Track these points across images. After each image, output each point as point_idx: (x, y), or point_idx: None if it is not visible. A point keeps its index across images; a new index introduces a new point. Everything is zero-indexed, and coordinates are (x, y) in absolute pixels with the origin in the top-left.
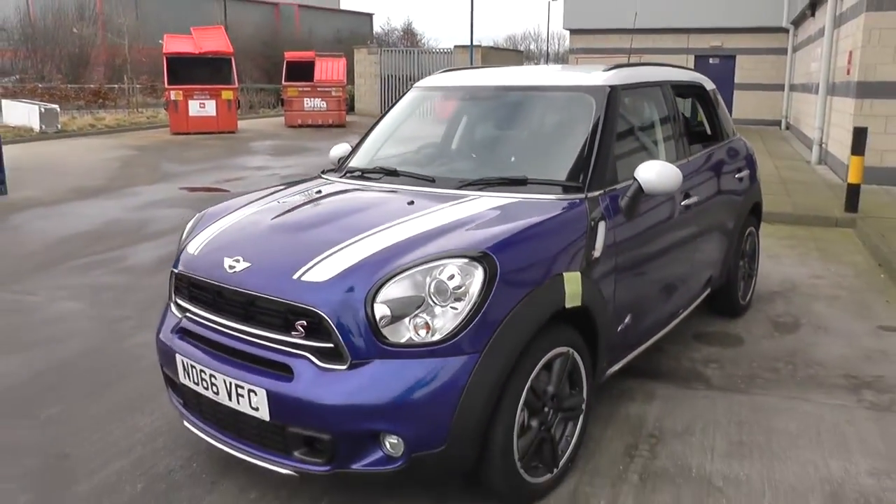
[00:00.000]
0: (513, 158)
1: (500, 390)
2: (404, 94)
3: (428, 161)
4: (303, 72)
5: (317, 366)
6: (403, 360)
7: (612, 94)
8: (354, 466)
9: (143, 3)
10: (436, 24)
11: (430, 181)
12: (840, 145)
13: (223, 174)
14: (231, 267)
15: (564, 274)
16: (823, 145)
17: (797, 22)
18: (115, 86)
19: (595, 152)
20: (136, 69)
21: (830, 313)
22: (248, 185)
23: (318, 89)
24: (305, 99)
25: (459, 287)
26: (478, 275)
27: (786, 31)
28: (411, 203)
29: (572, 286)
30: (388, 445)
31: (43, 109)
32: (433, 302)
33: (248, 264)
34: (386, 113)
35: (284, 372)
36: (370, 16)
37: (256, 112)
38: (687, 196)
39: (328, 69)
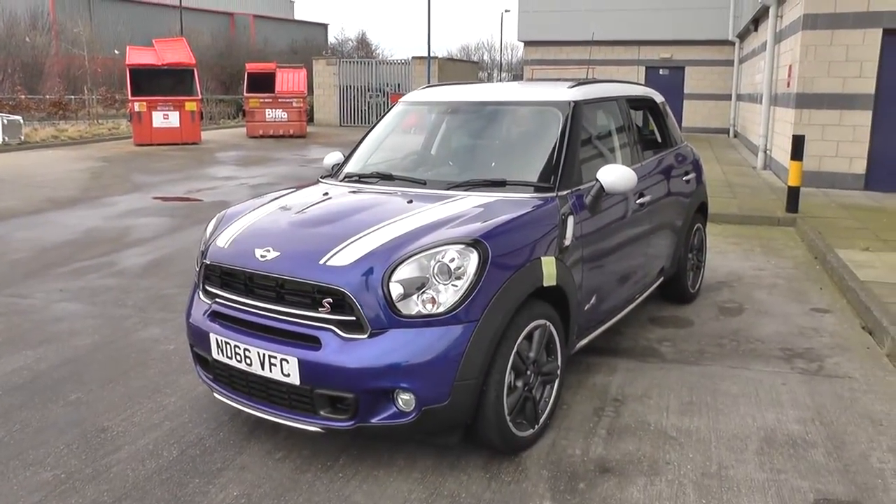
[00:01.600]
0: (493, 164)
1: (492, 353)
2: (390, 109)
3: (415, 166)
4: (264, 83)
5: (340, 336)
6: (414, 328)
7: (576, 108)
8: (373, 420)
9: (98, 12)
10: (390, 34)
11: (422, 184)
12: (783, 151)
13: (194, 184)
14: (262, 256)
15: (542, 258)
16: (768, 151)
17: (742, 35)
18: (73, 97)
19: (563, 157)
20: (94, 80)
21: (770, 299)
22: (220, 195)
23: (280, 100)
24: (267, 110)
25: (459, 268)
26: (473, 258)
27: (732, 43)
28: (410, 202)
29: (549, 268)
30: (401, 402)
31: (6, 121)
32: (437, 280)
33: (277, 253)
34: (375, 125)
35: (313, 342)
36: (325, 26)
37: (217, 123)
38: (641, 195)
39: (289, 80)
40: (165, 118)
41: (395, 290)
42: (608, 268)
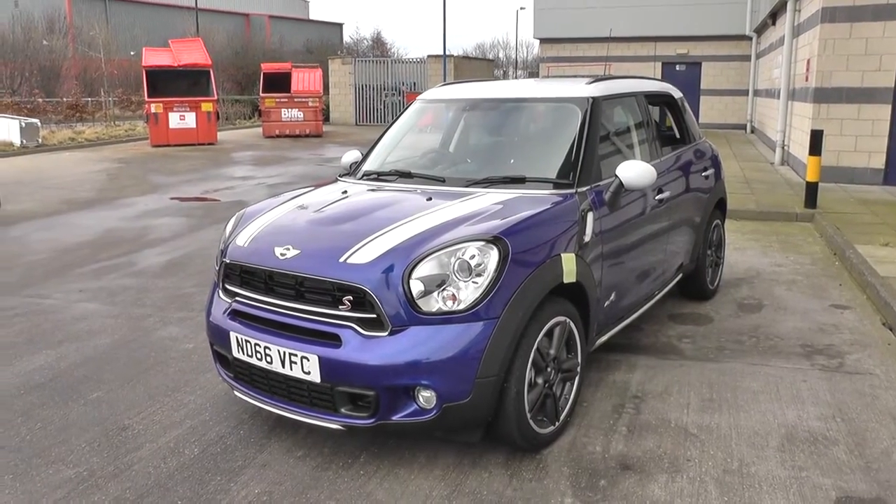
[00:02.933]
0: (512, 160)
1: (513, 350)
2: (408, 106)
3: (434, 164)
4: (280, 83)
5: (361, 334)
6: (435, 325)
7: (595, 104)
8: (394, 418)
9: (114, 15)
10: (405, 32)
11: (441, 181)
12: (800, 147)
13: (211, 184)
14: (282, 254)
15: (562, 255)
16: (785, 147)
17: (759, 30)
18: (90, 99)
19: (582, 154)
20: (111, 82)
21: (789, 295)
22: (238, 195)
23: (296, 100)
24: (283, 110)
25: (479, 265)
26: (493, 255)
27: (749, 38)
28: (430, 199)
29: (569, 265)
30: (421, 399)
31: (23, 124)
32: (458, 277)
33: (297, 251)
34: (392, 123)
35: (333, 340)
36: (340, 25)
37: (233, 123)
38: (660, 192)
39: (305, 80)
40: (182, 119)
41: (416, 287)
42: (627, 264)
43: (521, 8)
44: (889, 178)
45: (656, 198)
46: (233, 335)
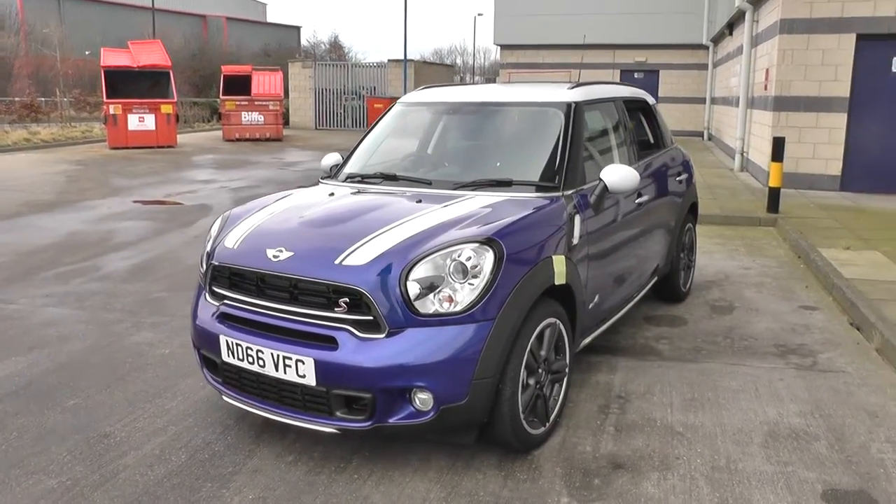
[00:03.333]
0: (498, 164)
1: (508, 351)
2: (389, 109)
3: (418, 167)
4: (240, 85)
5: (357, 336)
6: (432, 327)
7: (577, 109)
8: (391, 421)
9: (69, 13)
10: (362, 37)
11: (428, 184)
12: (760, 153)
13: (173, 188)
14: (275, 256)
15: (553, 257)
16: (745, 154)
17: (716, 40)
18: (44, 99)
19: (567, 157)
20: (66, 82)
21: (759, 297)
22: (201, 199)
23: (256, 103)
24: (243, 113)
25: (475, 266)
26: (489, 256)
27: (706, 48)
28: (419, 202)
29: (559, 266)
30: (418, 401)
31: None
32: (453, 279)
33: (290, 253)
34: (373, 126)
35: (329, 343)
36: (298, 29)
37: (191, 126)
38: (639, 195)
39: (265, 83)
40: (141, 121)
41: (413, 288)
42: (610, 267)
43: (479, 14)
44: (845, 185)
45: (636, 201)
46: (222, 339)
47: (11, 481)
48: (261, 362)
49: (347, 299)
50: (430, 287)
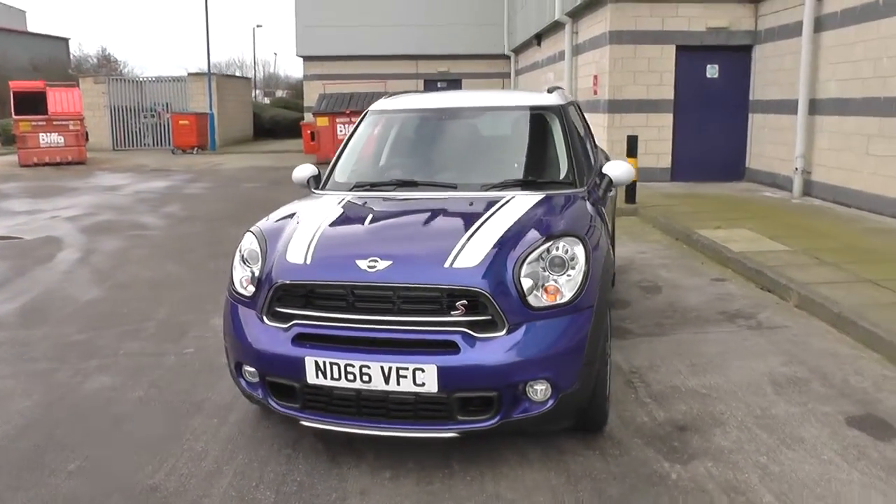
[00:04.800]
0: (515, 165)
1: (602, 335)
2: (362, 118)
3: (426, 172)
4: (33, 103)
5: (475, 337)
6: (546, 320)
7: (566, 110)
8: (515, 416)
9: None
10: (135, 51)
11: (453, 187)
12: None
13: None
14: (371, 267)
15: (607, 246)
16: None
17: (517, 50)
18: None
19: (573, 156)
20: None
21: (673, 276)
22: (40, 231)
23: (55, 123)
24: (41, 134)
25: (573, 259)
26: (581, 249)
27: (507, 57)
28: (471, 204)
29: (610, 255)
30: (538, 392)
31: None
32: (556, 272)
33: (388, 262)
34: (351, 136)
35: (450, 347)
36: (66, 40)
37: None
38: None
39: (62, 100)
40: None
41: (526, 284)
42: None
43: (258, 26)
44: (675, 176)
45: (609, 194)
46: (309, 360)
47: None
48: (365, 378)
49: (465, 301)
50: (538, 281)
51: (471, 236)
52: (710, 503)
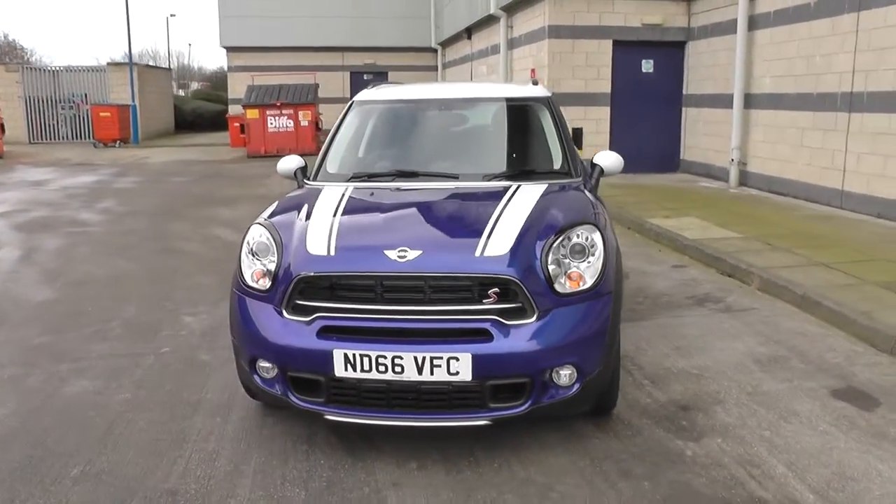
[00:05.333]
0: (514, 155)
1: (618, 321)
2: (348, 109)
3: (422, 162)
4: None
5: (506, 324)
6: (572, 305)
7: (552, 102)
8: (545, 401)
9: None
10: (41, 39)
11: (455, 178)
12: None
13: None
14: (401, 256)
15: (613, 234)
16: None
17: (445, 44)
18: None
19: (566, 146)
20: None
21: (635, 263)
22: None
23: None
24: None
25: (592, 245)
26: (598, 236)
27: (434, 50)
28: (484, 193)
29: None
30: (565, 377)
31: None
32: (579, 259)
33: (418, 252)
34: (338, 128)
35: (483, 335)
36: None
37: None
38: None
39: None
40: None
41: (553, 270)
42: None
43: (172, 15)
44: None
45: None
46: (337, 353)
47: None
48: (397, 369)
49: (497, 289)
50: (563, 268)
51: (494, 225)
52: (730, 476)
